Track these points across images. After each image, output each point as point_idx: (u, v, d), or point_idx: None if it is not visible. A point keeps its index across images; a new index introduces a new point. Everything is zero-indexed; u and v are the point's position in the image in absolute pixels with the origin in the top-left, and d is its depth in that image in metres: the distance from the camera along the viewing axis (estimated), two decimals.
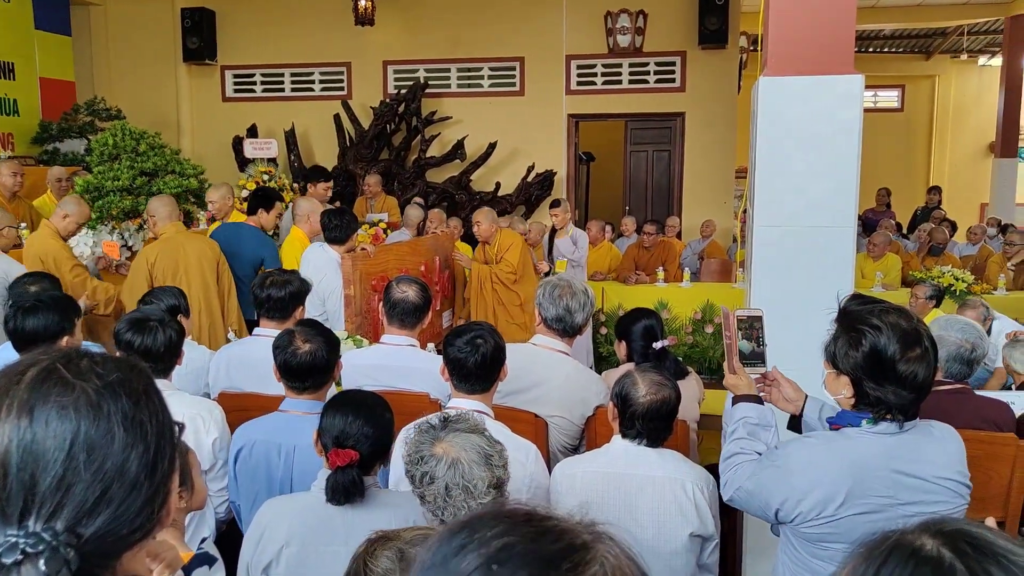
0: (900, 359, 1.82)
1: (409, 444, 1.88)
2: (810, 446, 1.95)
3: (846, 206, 3.01)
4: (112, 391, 0.87)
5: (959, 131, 15.25)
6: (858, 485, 1.85)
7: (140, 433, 0.88)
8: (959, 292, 6.72)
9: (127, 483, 0.85)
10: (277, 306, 3.31)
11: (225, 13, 10.16)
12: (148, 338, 2.67)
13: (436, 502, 1.79)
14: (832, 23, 2.99)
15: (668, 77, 9.48)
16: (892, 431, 1.88)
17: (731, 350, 2.22)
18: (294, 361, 2.55)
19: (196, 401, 2.81)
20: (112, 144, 5.89)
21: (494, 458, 1.80)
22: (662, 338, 3.31)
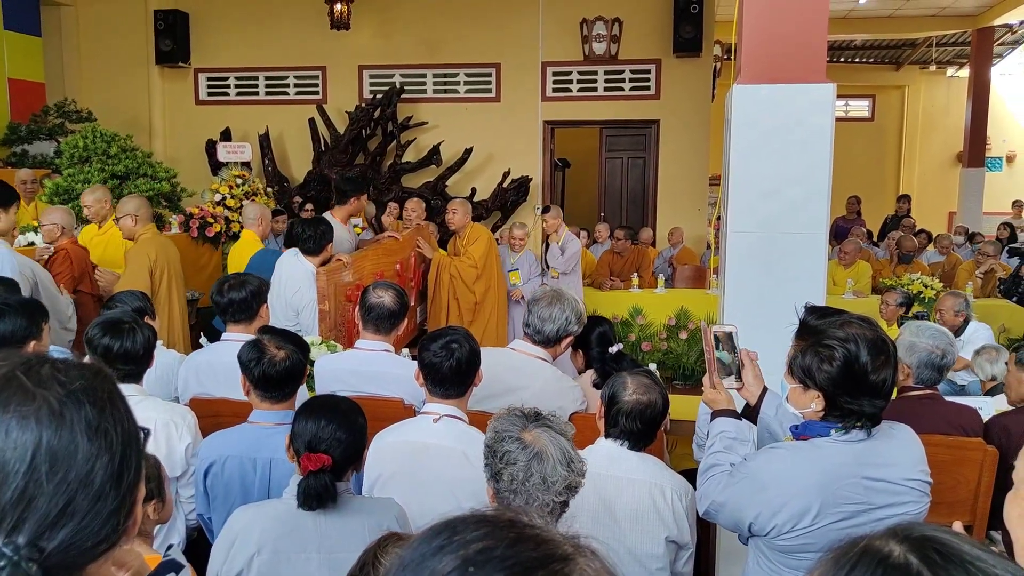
0: (871, 370, 1.83)
1: (495, 421, 1.83)
2: (781, 458, 1.93)
3: (818, 213, 3.04)
4: (75, 399, 0.84)
5: (928, 141, 15.50)
6: (831, 495, 1.85)
7: (105, 442, 0.85)
8: (928, 299, 6.82)
9: (92, 494, 0.83)
10: (241, 307, 3.26)
11: (199, 15, 10.08)
12: (127, 341, 2.64)
13: (511, 484, 1.74)
14: (804, 33, 3.03)
15: (643, 84, 9.55)
16: (861, 438, 1.90)
17: (711, 364, 2.23)
18: (273, 370, 2.49)
19: (169, 407, 2.77)
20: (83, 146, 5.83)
21: (575, 464, 1.78)
22: (616, 342, 3.31)
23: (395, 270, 5.49)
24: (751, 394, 2.25)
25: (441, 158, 9.46)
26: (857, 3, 11.16)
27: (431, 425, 2.42)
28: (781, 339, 2.60)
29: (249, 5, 9.95)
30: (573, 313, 3.06)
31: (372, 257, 5.31)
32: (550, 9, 9.46)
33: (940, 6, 11.63)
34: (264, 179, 9.31)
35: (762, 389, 2.25)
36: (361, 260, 5.15)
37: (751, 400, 2.26)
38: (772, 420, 2.21)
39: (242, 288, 3.28)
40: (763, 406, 2.23)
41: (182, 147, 10.07)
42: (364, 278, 4.96)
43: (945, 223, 14.16)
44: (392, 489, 2.38)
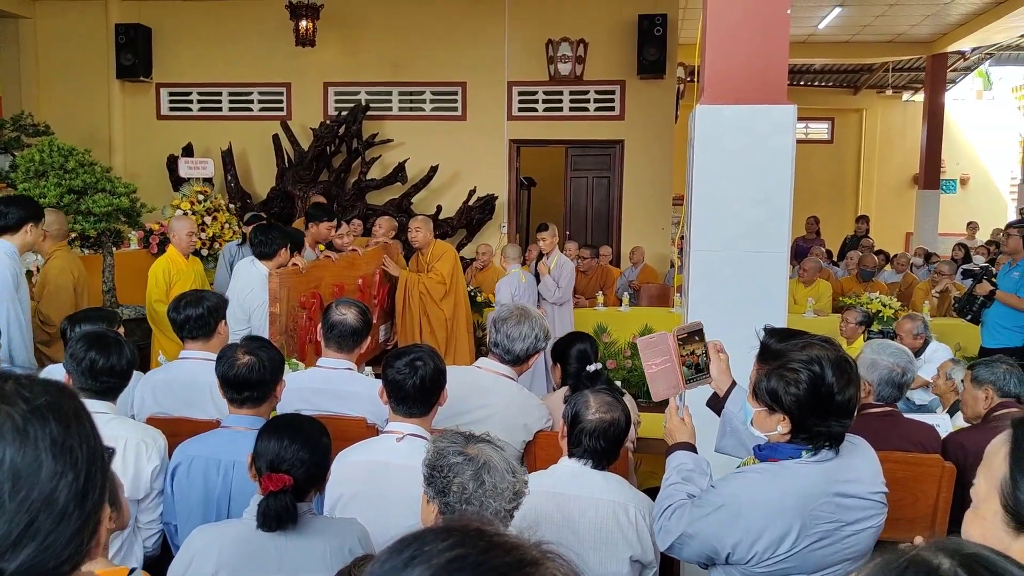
0: (837, 390, 1.84)
1: (436, 443, 1.84)
2: (755, 484, 1.91)
3: (779, 232, 3.08)
4: (40, 415, 0.82)
5: (885, 163, 15.85)
6: (809, 516, 1.86)
7: (70, 460, 0.82)
8: (886, 318, 6.94)
9: (55, 513, 0.80)
10: (198, 323, 3.22)
11: (161, 30, 9.97)
12: (114, 356, 2.59)
13: (463, 494, 1.74)
14: (766, 55, 3.08)
15: (608, 105, 9.64)
16: (830, 457, 1.91)
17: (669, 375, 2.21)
18: (232, 372, 2.52)
19: (141, 427, 2.71)
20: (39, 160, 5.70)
21: (518, 472, 1.81)
22: (595, 361, 3.33)
23: (357, 285, 5.44)
24: (719, 387, 2.26)
25: (407, 175, 9.44)
26: (816, 28, 11.41)
27: (394, 444, 2.40)
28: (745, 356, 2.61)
29: (213, 21, 9.87)
30: (541, 330, 3.07)
31: (333, 268, 5.26)
32: (516, 30, 9.53)
33: (895, 32, 11.94)
34: (226, 195, 9.20)
35: (730, 383, 2.25)
36: (320, 270, 5.10)
37: (719, 392, 2.27)
38: (735, 417, 2.22)
39: (199, 304, 3.23)
40: (728, 402, 2.24)
41: (142, 162, 9.93)
42: (322, 288, 4.94)
43: (902, 243, 14.47)
44: (354, 509, 2.35)
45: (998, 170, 16.11)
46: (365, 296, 5.44)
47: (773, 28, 3.07)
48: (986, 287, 5.74)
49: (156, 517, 2.64)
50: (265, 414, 2.59)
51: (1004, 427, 1.27)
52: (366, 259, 5.76)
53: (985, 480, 1.26)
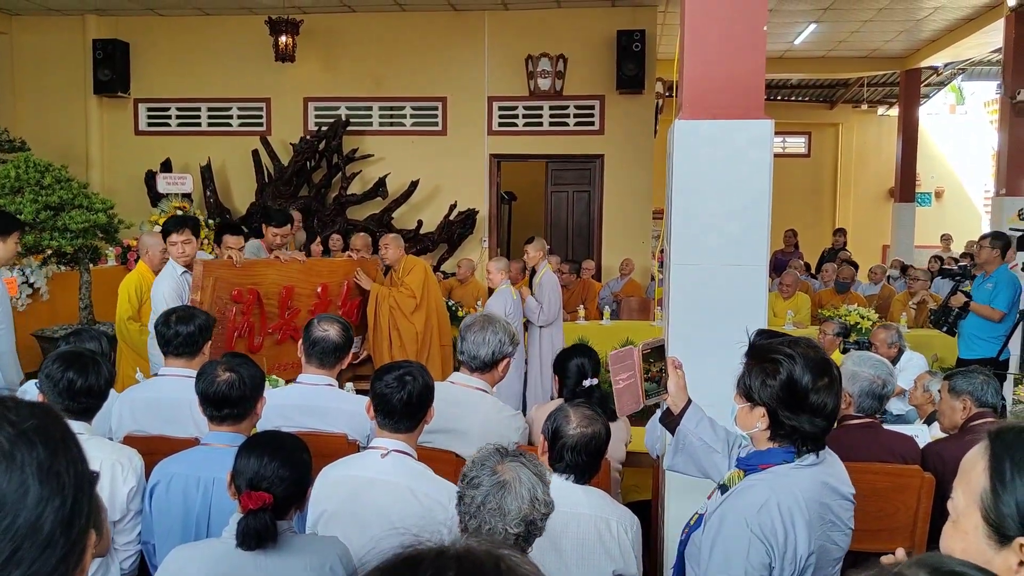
0: (812, 388, 1.86)
1: (481, 451, 1.89)
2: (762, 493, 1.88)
3: (758, 246, 3.10)
4: (27, 439, 0.79)
5: (861, 176, 16.04)
6: (815, 518, 1.87)
7: (56, 485, 0.80)
8: (864, 330, 7.00)
9: (40, 541, 0.78)
10: (187, 341, 3.19)
11: (139, 46, 9.93)
12: (92, 376, 2.55)
13: (470, 508, 1.79)
14: (743, 71, 3.11)
15: (587, 120, 9.70)
16: (814, 462, 1.93)
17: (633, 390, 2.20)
18: (211, 390, 2.50)
19: (116, 447, 2.67)
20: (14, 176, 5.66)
21: (539, 503, 1.80)
22: (592, 376, 3.35)
23: (315, 291, 5.30)
24: (675, 405, 2.26)
25: (387, 190, 9.43)
26: (793, 44, 11.56)
27: (378, 460, 2.38)
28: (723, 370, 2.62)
29: (191, 36, 9.84)
30: (506, 334, 3.07)
31: (283, 269, 5.11)
32: (496, 45, 9.58)
33: (870, 48, 12.12)
34: (205, 211, 9.15)
35: (686, 400, 2.26)
36: (264, 267, 5.00)
37: (674, 409, 2.26)
38: (691, 433, 2.23)
39: (190, 322, 3.20)
40: (685, 419, 2.24)
41: (120, 178, 9.86)
42: (265, 286, 4.88)
43: (879, 255, 14.62)
44: (336, 526, 2.33)
45: (972, 183, 16.35)
46: (323, 305, 5.34)
47: (750, 44, 3.11)
48: (960, 298, 5.81)
49: (133, 538, 2.60)
50: (246, 431, 2.57)
51: (980, 438, 1.27)
52: (331, 268, 5.64)
53: (964, 494, 1.25)
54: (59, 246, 5.74)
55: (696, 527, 2.07)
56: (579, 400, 2.65)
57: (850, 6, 9.69)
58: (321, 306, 5.31)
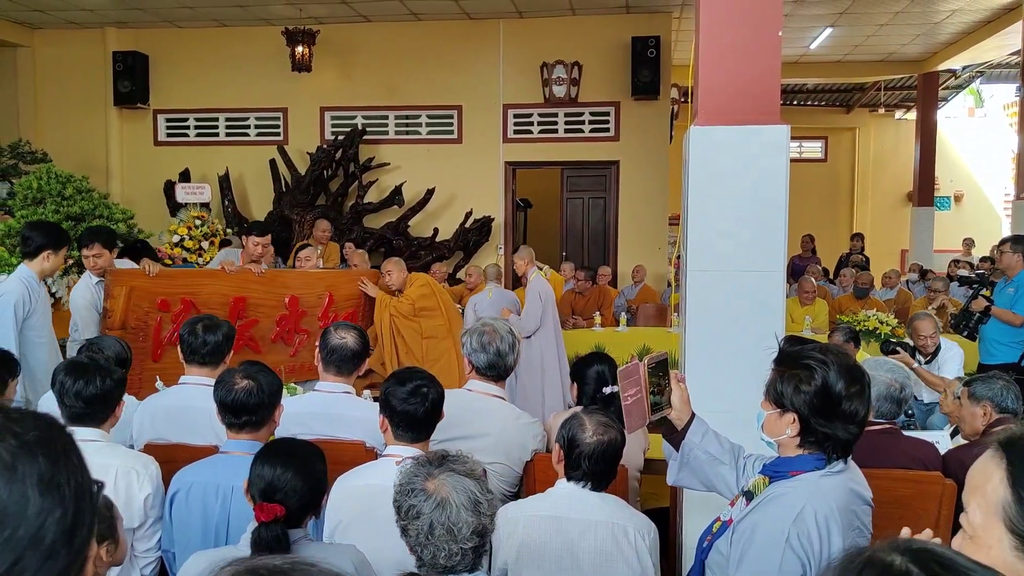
0: (846, 394, 1.85)
1: (402, 474, 1.83)
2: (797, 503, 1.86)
3: (775, 251, 3.09)
4: (28, 451, 0.80)
5: (879, 180, 15.93)
6: (846, 526, 1.86)
7: (58, 497, 0.80)
8: (883, 335, 6.95)
9: (42, 552, 0.78)
10: (213, 351, 3.22)
11: (159, 57, 10.04)
12: (99, 383, 2.58)
13: (418, 538, 1.75)
14: (759, 76, 3.11)
15: (603, 126, 9.70)
16: (842, 468, 1.92)
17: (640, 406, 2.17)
18: (229, 397, 2.52)
19: (132, 455, 2.70)
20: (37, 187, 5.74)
21: (483, 505, 1.76)
22: (612, 384, 3.32)
23: (280, 303, 5.24)
24: (679, 419, 2.23)
25: (403, 199, 9.47)
26: (808, 48, 11.52)
27: (393, 468, 2.38)
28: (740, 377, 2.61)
29: (209, 47, 9.94)
30: (517, 339, 3.12)
31: (227, 279, 5.05)
32: (510, 53, 9.61)
33: (887, 52, 12.05)
34: (223, 220, 9.22)
35: (690, 415, 2.24)
36: (198, 276, 5.01)
37: (678, 425, 2.24)
38: (697, 447, 2.21)
39: (216, 331, 3.24)
40: (689, 433, 2.22)
41: (140, 188, 9.96)
42: (202, 297, 4.90)
43: (898, 260, 14.51)
44: (354, 534, 2.34)
45: (991, 186, 16.19)
46: (293, 316, 5.27)
47: (765, 49, 3.10)
48: (981, 303, 5.75)
49: (153, 545, 2.62)
50: (263, 439, 2.58)
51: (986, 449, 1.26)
52: (305, 280, 5.52)
53: (980, 507, 1.22)
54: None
55: (720, 535, 2.04)
56: (594, 407, 2.64)
57: (866, 10, 9.65)
58: (291, 318, 5.29)
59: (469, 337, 3.07)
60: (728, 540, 1.98)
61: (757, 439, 2.06)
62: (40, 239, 4.08)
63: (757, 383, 3.02)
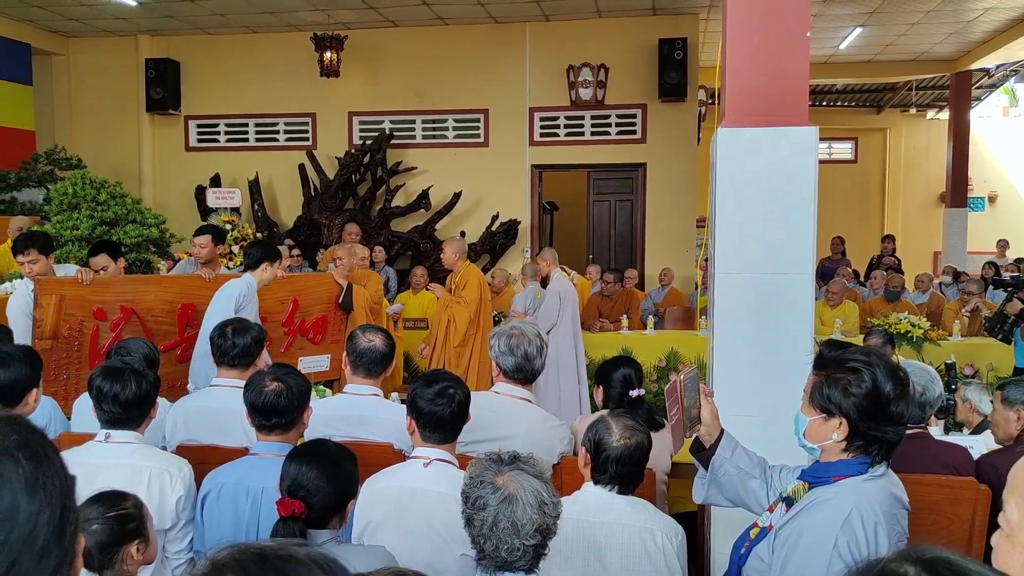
0: (894, 396, 1.83)
1: (473, 466, 1.85)
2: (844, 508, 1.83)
3: (804, 253, 3.07)
4: (10, 456, 0.81)
5: (911, 182, 15.71)
6: (890, 530, 1.83)
7: (44, 497, 0.82)
8: (916, 338, 6.85)
9: (36, 552, 0.79)
10: (243, 353, 3.27)
11: (190, 64, 10.19)
12: (131, 387, 2.61)
13: (481, 529, 1.76)
14: (786, 77, 3.09)
15: (629, 129, 9.68)
16: (883, 472, 1.90)
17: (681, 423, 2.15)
18: (259, 400, 2.55)
19: (165, 457, 2.73)
20: (72, 193, 5.84)
21: (548, 506, 1.78)
22: (639, 387, 3.32)
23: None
24: (709, 435, 2.20)
25: (430, 202, 9.52)
26: (838, 48, 11.40)
27: (421, 470, 2.40)
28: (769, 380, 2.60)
29: (239, 54, 10.07)
30: (545, 342, 3.11)
31: (171, 285, 4.99)
32: (537, 56, 9.62)
33: (918, 51, 11.89)
34: (253, 224, 9.33)
35: (720, 430, 2.21)
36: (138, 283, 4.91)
37: (707, 441, 2.21)
38: (728, 461, 2.18)
39: (246, 334, 3.29)
40: (720, 447, 2.19)
41: (171, 193, 10.11)
42: (144, 303, 4.84)
43: (930, 263, 14.29)
44: (383, 536, 2.35)
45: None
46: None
47: (793, 50, 3.08)
48: (1016, 305, 5.66)
49: (184, 547, 2.65)
50: (293, 440, 2.61)
51: None
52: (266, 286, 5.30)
53: (1019, 506, 1.21)
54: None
55: (758, 541, 2.02)
56: (620, 410, 2.63)
57: (897, 9, 9.53)
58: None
59: (497, 340, 3.07)
60: (768, 546, 1.95)
61: (786, 440, 2.04)
62: (259, 253, 4.78)
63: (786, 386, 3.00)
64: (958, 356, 6.68)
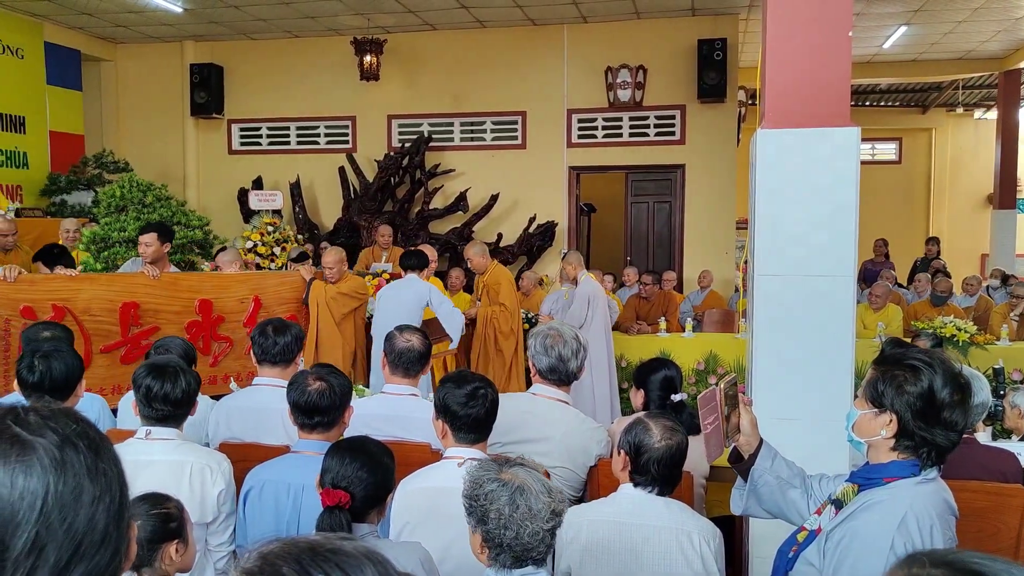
0: (949, 402, 1.80)
1: (470, 474, 1.87)
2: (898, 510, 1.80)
3: (845, 256, 3.03)
4: (72, 444, 0.85)
5: (957, 183, 15.38)
6: (944, 532, 1.81)
7: (105, 484, 0.86)
8: (962, 342, 6.71)
9: (97, 536, 0.83)
10: (284, 351, 3.32)
11: (233, 69, 10.37)
12: (168, 384, 2.67)
13: (500, 520, 1.77)
14: (828, 77, 3.05)
15: (668, 130, 9.62)
16: (935, 476, 1.87)
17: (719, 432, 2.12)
18: (303, 399, 2.59)
19: (206, 452, 2.79)
20: (119, 196, 5.97)
21: (555, 492, 1.82)
22: (681, 391, 3.26)
23: (189, 308, 4.99)
24: (749, 444, 2.16)
25: (468, 204, 9.56)
26: (882, 47, 11.21)
27: (455, 470, 2.41)
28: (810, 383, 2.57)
29: (281, 58, 10.22)
30: (584, 340, 3.09)
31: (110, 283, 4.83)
32: (575, 58, 9.62)
33: (965, 49, 11.65)
34: (295, 226, 9.46)
35: (759, 440, 2.17)
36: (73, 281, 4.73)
37: (746, 451, 2.18)
38: (768, 471, 2.14)
39: (286, 332, 3.34)
40: (760, 457, 2.16)
41: (215, 195, 10.29)
42: (78, 301, 4.65)
43: (977, 265, 13.98)
44: (419, 536, 2.37)
45: None
46: (206, 324, 4.99)
47: (834, 50, 3.05)
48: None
49: (226, 539, 2.70)
50: (334, 439, 2.65)
51: None
52: (220, 283, 5.21)
53: None
54: None
55: (806, 545, 1.98)
56: (657, 411, 2.61)
57: (943, 7, 9.35)
58: (204, 325, 4.95)
59: (534, 340, 3.08)
60: (818, 550, 1.92)
61: (827, 444, 2.02)
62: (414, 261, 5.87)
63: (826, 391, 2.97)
64: (1006, 361, 6.52)
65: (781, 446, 2.30)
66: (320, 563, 0.81)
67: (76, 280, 4.79)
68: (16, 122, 8.87)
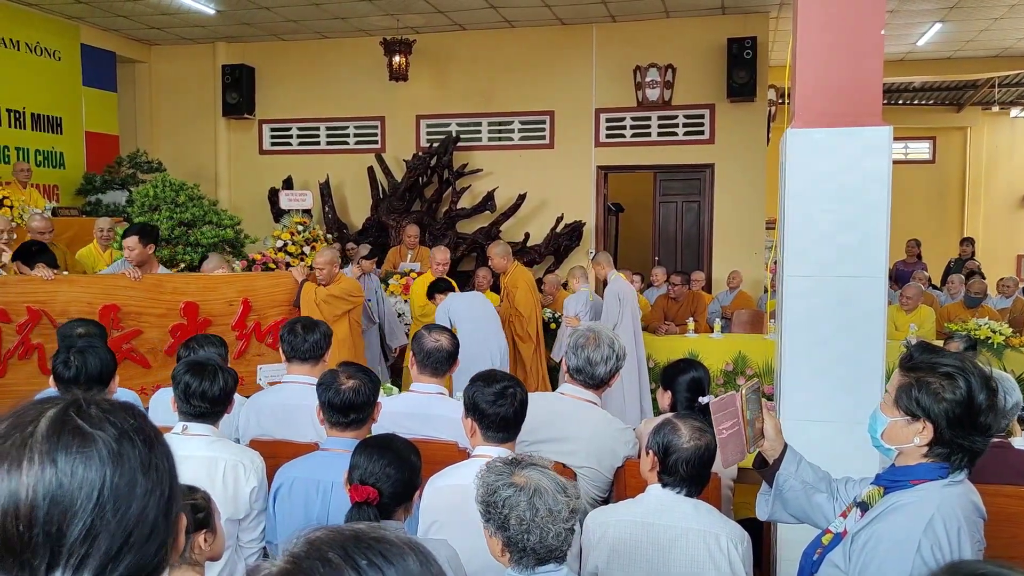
0: (987, 405, 1.78)
1: (480, 479, 1.87)
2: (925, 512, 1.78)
3: (876, 256, 3.00)
4: (129, 438, 0.88)
5: (993, 182, 15.11)
6: (972, 535, 1.79)
7: (157, 478, 0.89)
8: (996, 345, 6.60)
9: (147, 528, 0.86)
10: (313, 348, 3.37)
11: (264, 70, 10.48)
12: (206, 382, 2.72)
13: (521, 525, 1.77)
14: (859, 76, 3.02)
15: (697, 129, 9.56)
16: (963, 479, 1.85)
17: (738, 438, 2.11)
18: (338, 398, 2.62)
19: (239, 449, 2.83)
20: (153, 195, 6.07)
21: (569, 489, 1.83)
22: (709, 392, 3.23)
23: (175, 310, 4.91)
24: (773, 449, 2.15)
25: (495, 204, 9.58)
26: (915, 45, 11.05)
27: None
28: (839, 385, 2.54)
29: (311, 59, 10.31)
30: (620, 349, 3.05)
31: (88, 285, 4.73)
32: (603, 57, 9.59)
33: (1002, 47, 11.44)
34: (324, 226, 9.53)
35: (783, 445, 2.15)
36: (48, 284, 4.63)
37: (771, 456, 2.16)
38: (793, 476, 2.12)
39: (315, 330, 3.38)
40: (785, 462, 2.14)
41: (246, 195, 10.41)
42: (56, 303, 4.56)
43: (1013, 266, 13.73)
44: (446, 534, 2.39)
45: None
46: (192, 327, 4.88)
47: (866, 48, 3.02)
48: None
49: (257, 536, 2.74)
50: (362, 436, 2.67)
51: None
52: (207, 285, 5.08)
53: None
54: (191, 260, 6.12)
55: (831, 547, 1.97)
56: (685, 412, 2.60)
57: (979, 3, 9.19)
58: (189, 328, 4.84)
59: (572, 336, 3.09)
60: (843, 552, 1.90)
61: (856, 447, 2.00)
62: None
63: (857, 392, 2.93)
64: None
65: (810, 448, 2.28)
66: (364, 550, 0.83)
67: (54, 282, 4.65)
68: (53, 123, 9.04)
